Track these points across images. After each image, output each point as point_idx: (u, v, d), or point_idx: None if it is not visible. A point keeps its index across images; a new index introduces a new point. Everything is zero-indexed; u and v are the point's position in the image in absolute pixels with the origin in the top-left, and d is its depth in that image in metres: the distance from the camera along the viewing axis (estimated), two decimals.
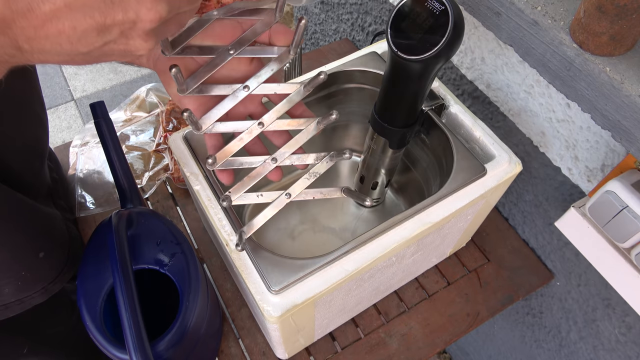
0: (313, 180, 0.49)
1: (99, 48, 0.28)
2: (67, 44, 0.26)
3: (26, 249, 0.52)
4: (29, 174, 0.59)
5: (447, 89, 0.61)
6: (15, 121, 0.55)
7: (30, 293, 0.54)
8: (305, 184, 0.49)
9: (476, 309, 0.71)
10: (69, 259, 0.59)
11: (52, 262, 0.56)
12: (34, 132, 0.60)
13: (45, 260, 0.54)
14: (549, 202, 0.69)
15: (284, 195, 0.48)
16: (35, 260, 0.53)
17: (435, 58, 0.41)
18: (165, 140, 0.80)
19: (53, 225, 0.59)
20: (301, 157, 0.49)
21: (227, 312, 0.69)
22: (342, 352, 0.66)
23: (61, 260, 0.58)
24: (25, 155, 0.58)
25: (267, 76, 0.45)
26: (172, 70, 0.38)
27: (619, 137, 0.45)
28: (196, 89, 0.43)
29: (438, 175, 0.62)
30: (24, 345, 0.61)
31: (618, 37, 0.42)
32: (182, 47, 0.41)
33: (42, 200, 0.63)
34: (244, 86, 0.45)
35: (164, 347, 0.49)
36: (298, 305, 0.46)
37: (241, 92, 0.45)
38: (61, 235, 0.59)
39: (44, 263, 0.54)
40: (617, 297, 0.64)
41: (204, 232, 0.76)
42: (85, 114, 1.85)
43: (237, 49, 0.43)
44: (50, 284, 0.56)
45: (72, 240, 0.61)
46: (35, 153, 0.61)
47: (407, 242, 0.51)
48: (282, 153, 0.48)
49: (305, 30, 0.50)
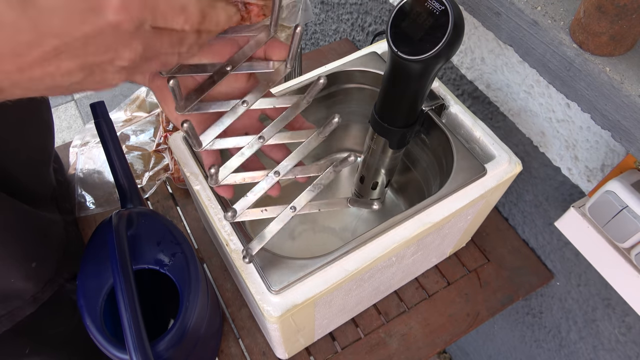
0: (318, 192, 0.48)
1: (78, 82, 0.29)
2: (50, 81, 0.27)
3: (20, 258, 0.52)
4: (34, 182, 0.59)
5: (447, 89, 0.61)
6: (22, 133, 0.55)
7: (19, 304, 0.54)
8: (310, 196, 0.48)
9: (476, 309, 0.71)
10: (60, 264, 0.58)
11: (42, 271, 0.56)
12: (42, 140, 0.60)
13: (37, 269, 0.54)
14: (549, 202, 0.69)
15: (289, 209, 0.47)
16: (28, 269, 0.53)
17: (435, 58, 0.41)
18: (165, 140, 0.80)
19: (49, 233, 0.58)
20: (304, 170, 0.48)
21: (227, 312, 0.69)
22: (342, 352, 0.66)
23: (52, 268, 0.57)
24: (31, 164, 0.58)
25: (265, 91, 0.45)
26: (170, 82, 0.37)
27: (618, 137, 0.45)
28: (194, 107, 0.43)
29: (438, 175, 0.62)
30: (26, 345, 0.61)
31: (618, 37, 0.42)
32: (179, 66, 0.41)
33: (46, 204, 0.63)
34: (243, 101, 0.44)
35: (164, 347, 0.49)
36: (298, 305, 0.46)
37: (240, 107, 0.44)
38: (57, 242, 0.59)
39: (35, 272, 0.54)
40: (617, 297, 0.64)
41: (204, 232, 0.76)
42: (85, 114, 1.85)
43: (234, 65, 0.42)
44: (40, 292, 0.56)
45: (69, 244, 0.61)
46: (41, 160, 0.61)
47: (407, 242, 0.51)
48: (284, 166, 0.47)
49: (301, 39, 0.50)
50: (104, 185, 0.79)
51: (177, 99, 0.40)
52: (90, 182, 0.79)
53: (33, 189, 0.59)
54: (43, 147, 0.61)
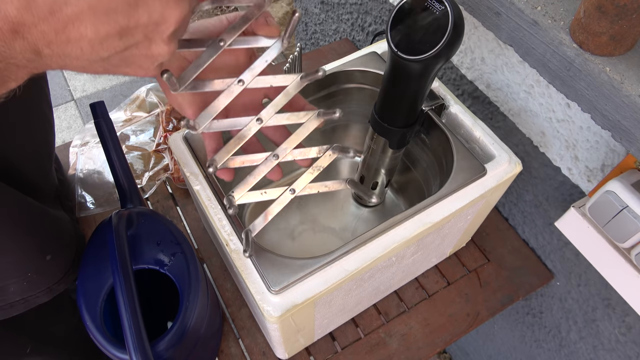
0: (317, 174, 0.48)
1: (120, 53, 0.27)
2: (88, 47, 0.25)
3: (34, 251, 0.52)
4: (38, 177, 0.59)
5: (447, 89, 0.61)
6: (25, 126, 0.55)
7: (35, 292, 0.54)
8: (309, 178, 0.48)
9: (476, 309, 0.71)
10: (76, 260, 0.59)
11: (58, 263, 0.56)
12: (43, 135, 0.60)
13: (52, 262, 0.54)
14: (549, 202, 0.69)
15: (289, 192, 0.48)
16: (42, 262, 0.53)
17: (435, 58, 0.41)
18: (165, 140, 0.80)
19: (61, 228, 0.59)
20: (303, 152, 0.48)
21: (227, 312, 0.69)
22: (342, 352, 0.66)
23: (68, 261, 0.58)
24: (34, 158, 0.58)
25: (261, 68, 0.43)
26: (163, 75, 0.36)
27: (619, 137, 0.45)
28: (189, 86, 0.41)
29: (438, 175, 0.62)
30: (28, 344, 0.61)
31: (618, 37, 0.42)
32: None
33: (50, 202, 0.63)
34: (239, 80, 0.43)
35: (164, 347, 0.49)
36: (298, 305, 0.46)
37: (236, 86, 0.43)
38: (69, 237, 0.60)
39: (50, 264, 0.54)
40: (617, 297, 0.64)
41: (204, 232, 0.76)
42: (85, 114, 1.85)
43: (228, 40, 0.40)
44: (56, 284, 0.56)
45: (80, 241, 0.61)
46: (44, 156, 0.61)
47: (407, 242, 0.51)
48: (283, 149, 0.47)
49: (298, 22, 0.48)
50: (104, 185, 0.79)
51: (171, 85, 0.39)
52: (90, 182, 0.79)
53: (39, 184, 0.59)
54: (46, 142, 0.61)
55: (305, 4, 1.28)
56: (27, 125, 0.55)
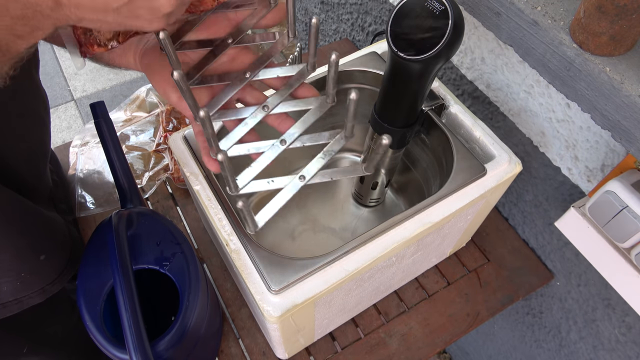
0: (328, 159, 0.44)
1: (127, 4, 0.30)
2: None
3: (27, 251, 0.52)
4: (33, 177, 0.59)
5: (447, 89, 0.61)
6: (20, 126, 0.55)
7: (28, 293, 0.54)
8: (320, 164, 0.44)
9: (476, 309, 0.71)
10: (70, 260, 0.59)
11: (52, 263, 0.56)
12: (38, 135, 0.60)
13: (46, 262, 0.54)
14: (549, 202, 0.69)
15: (298, 179, 0.43)
16: (36, 262, 0.53)
17: (435, 58, 0.41)
18: (165, 140, 0.80)
19: (55, 228, 0.59)
20: (312, 137, 0.45)
21: (227, 312, 0.69)
22: (342, 352, 0.66)
23: (62, 262, 0.58)
24: (29, 158, 0.58)
25: (267, 62, 0.44)
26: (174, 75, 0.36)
27: (618, 137, 0.45)
28: (196, 80, 0.42)
29: (438, 175, 0.62)
30: (24, 344, 0.61)
31: (618, 37, 0.42)
32: (180, 43, 0.41)
33: (44, 203, 0.63)
34: (245, 73, 0.44)
35: (164, 347, 0.49)
36: (298, 305, 0.46)
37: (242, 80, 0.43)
38: (63, 238, 0.60)
39: (44, 265, 0.55)
40: (617, 297, 0.64)
41: (204, 232, 0.76)
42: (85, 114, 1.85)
43: (235, 38, 0.41)
44: (49, 285, 0.56)
45: (74, 243, 0.61)
46: (39, 156, 0.61)
47: (407, 242, 0.51)
48: (291, 134, 0.44)
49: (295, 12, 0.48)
50: (104, 185, 0.79)
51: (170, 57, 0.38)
52: (90, 182, 0.79)
53: (33, 184, 0.59)
54: (40, 142, 0.61)
55: (305, 4, 1.28)
56: (22, 126, 0.55)
